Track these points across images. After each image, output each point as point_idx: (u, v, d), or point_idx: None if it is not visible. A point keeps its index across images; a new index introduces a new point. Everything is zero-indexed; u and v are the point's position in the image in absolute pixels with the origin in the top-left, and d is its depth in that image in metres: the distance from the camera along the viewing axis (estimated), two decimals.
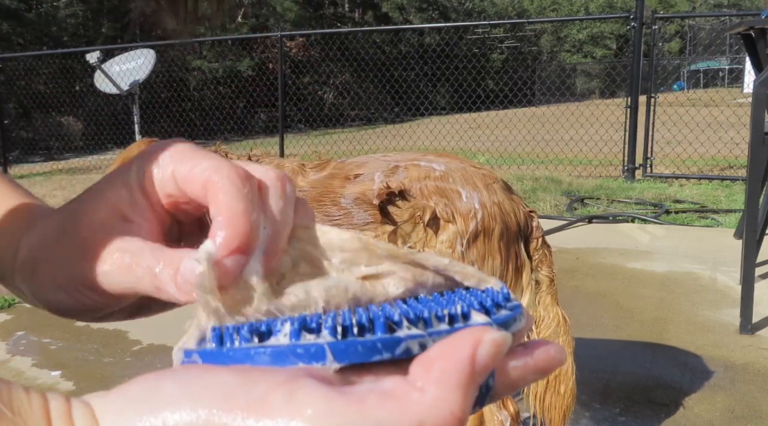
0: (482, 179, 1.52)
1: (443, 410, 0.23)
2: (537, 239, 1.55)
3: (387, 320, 0.27)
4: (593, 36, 34.79)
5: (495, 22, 13.44)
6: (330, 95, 20.03)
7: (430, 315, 0.28)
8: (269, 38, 15.51)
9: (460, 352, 0.24)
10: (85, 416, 0.25)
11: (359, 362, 0.26)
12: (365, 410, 0.23)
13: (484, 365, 0.24)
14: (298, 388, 0.23)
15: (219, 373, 0.24)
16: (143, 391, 0.24)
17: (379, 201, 1.51)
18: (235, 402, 0.23)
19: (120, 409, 0.24)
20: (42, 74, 12.33)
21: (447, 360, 0.24)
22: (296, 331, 0.27)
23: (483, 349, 0.24)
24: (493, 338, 0.24)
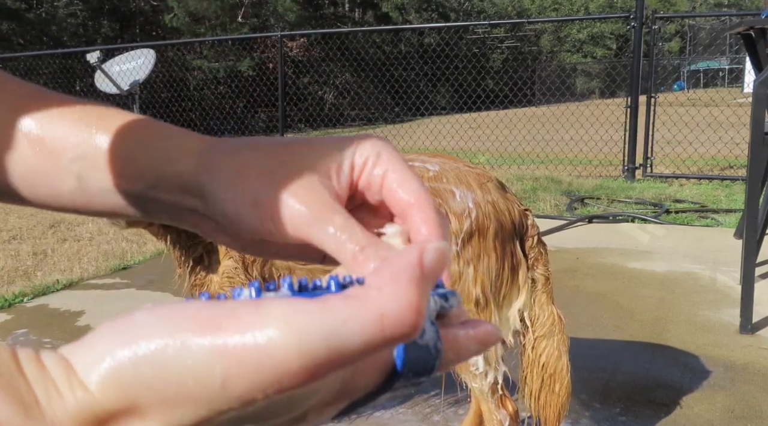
0: (476, 178, 1.52)
1: (401, 301, 0.25)
2: (532, 238, 1.55)
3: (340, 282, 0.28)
4: (593, 36, 34.79)
5: (495, 22, 13.44)
6: (330, 95, 20.03)
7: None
8: (269, 38, 15.51)
9: (408, 257, 0.26)
10: (53, 357, 0.25)
11: None
12: (330, 308, 0.24)
13: (432, 267, 0.26)
14: (263, 301, 0.24)
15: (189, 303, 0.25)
16: (114, 325, 0.25)
17: None
18: (205, 320, 0.24)
19: (91, 344, 0.25)
20: (42, 74, 12.33)
21: (397, 264, 0.26)
22: (258, 291, 0.28)
23: (428, 253, 0.27)
24: (436, 246, 0.27)
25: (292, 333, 0.23)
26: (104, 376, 0.24)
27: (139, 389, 0.23)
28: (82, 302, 3.32)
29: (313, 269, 1.62)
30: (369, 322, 0.24)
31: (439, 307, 0.30)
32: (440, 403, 2.10)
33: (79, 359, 0.24)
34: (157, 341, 0.23)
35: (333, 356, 0.24)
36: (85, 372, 0.24)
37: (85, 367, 0.24)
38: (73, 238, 4.75)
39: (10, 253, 4.34)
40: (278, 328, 0.23)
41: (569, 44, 35.68)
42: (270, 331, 0.23)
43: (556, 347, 1.53)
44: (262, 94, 12.53)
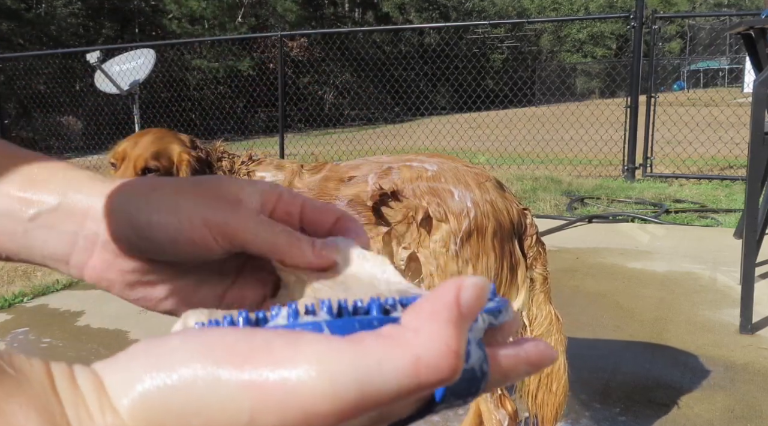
0: (474, 178, 1.52)
1: (439, 343, 0.24)
2: (531, 237, 1.55)
3: (382, 305, 0.27)
4: (593, 36, 34.79)
5: (495, 22, 13.43)
6: (330, 95, 20.03)
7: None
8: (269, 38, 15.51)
9: (446, 296, 0.25)
10: (87, 375, 0.25)
11: None
12: (364, 349, 0.23)
13: (470, 306, 0.25)
14: (298, 336, 0.24)
15: (220, 330, 0.25)
16: (148, 347, 0.25)
17: (373, 202, 1.52)
18: (239, 350, 0.23)
19: (125, 365, 0.25)
20: (42, 74, 12.33)
21: (434, 303, 0.25)
22: (294, 313, 0.27)
23: (466, 292, 0.25)
24: (474, 282, 0.26)
25: (323, 374, 0.23)
26: (135, 402, 0.24)
27: (169, 418, 0.23)
28: (82, 302, 3.32)
29: None
30: (404, 367, 0.23)
31: (487, 325, 0.29)
32: None
33: (112, 379, 0.25)
34: (190, 371, 0.23)
35: (365, 400, 0.23)
36: (116, 395, 0.24)
37: (116, 390, 0.24)
38: None
39: None
40: (310, 369, 0.23)
41: (569, 44, 35.68)
42: (302, 370, 0.23)
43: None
44: (262, 94, 12.53)
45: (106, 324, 3.00)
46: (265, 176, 1.68)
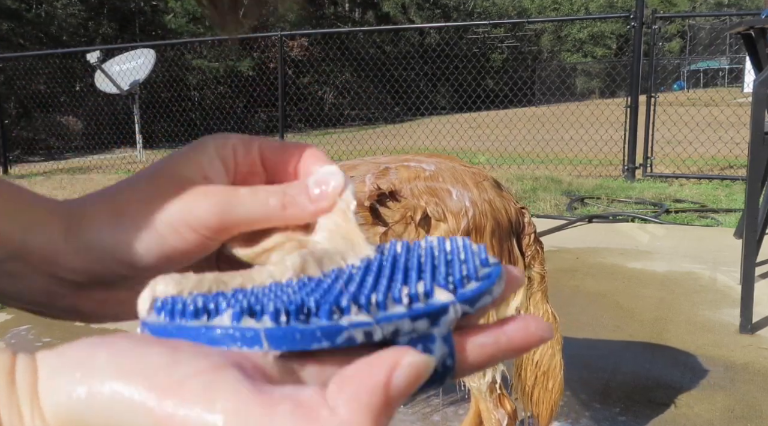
0: (472, 177, 1.52)
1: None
2: (529, 236, 1.55)
3: (334, 306, 0.26)
4: (593, 35, 34.80)
5: (495, 22, 13.42)
6: (330, 95, 20.03)
7: (386, 297, 0.27)
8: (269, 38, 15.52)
9: (375, 376, 0.23)
10: (26, 371, 0.25)
11: (298, 350, 0.26)
12: (273, 417, 0.23)
13: (400, 391, 0.24)
14: (218, 378, 0.24)
15: (151, 349, 0.25)
16: (79, 355, 0.25)
17: (370, 203, 1.51)
18: (156, 381, 0.24)
19: (56, 370, 0.25)
20: (42, 74, 12.33)
21: (360, 382, 0.23)
22: (238, 314, 0.26)
23: (400, 373, 0.24)
24: (412, 362, 0.24)
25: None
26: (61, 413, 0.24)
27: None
28: None
29: None
30: None
31: (460, 315, 0.28)
32: (440, 403, 2.10)
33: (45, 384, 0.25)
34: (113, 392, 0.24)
35: None
36: (46, 400, 0.25)
37: (48, 396, 0.25)
38: None
39: None
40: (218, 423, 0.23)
41: (569, 44, 35.69)
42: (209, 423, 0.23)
43: (550, 346, 1.54)
44: (262, 94, 12.53)
45: (106, 324, 3.00)
46: None
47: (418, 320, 0.27)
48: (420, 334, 0.27)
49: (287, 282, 0.31)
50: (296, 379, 0.26)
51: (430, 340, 0.27)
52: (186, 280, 0.30)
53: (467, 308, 0.28)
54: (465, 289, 0.29)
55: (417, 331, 0.27)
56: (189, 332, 0.27)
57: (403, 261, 0.32)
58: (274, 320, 0.26)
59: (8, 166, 9.91)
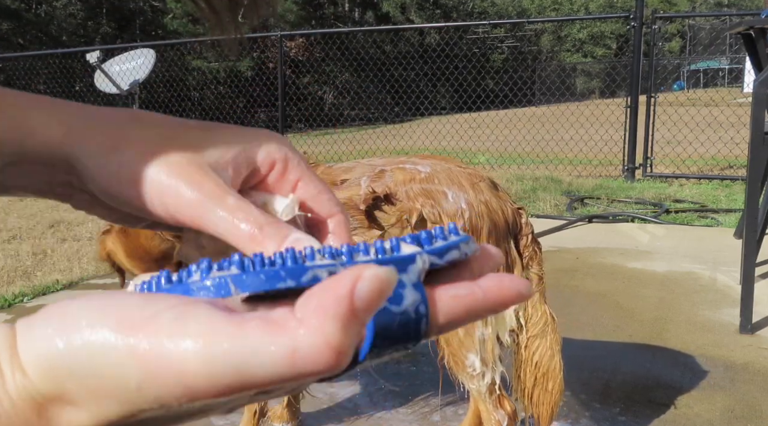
0: (468, 179, 1.52)
1: (318, 339, 0.23)
2: (526, 236, 1.55)
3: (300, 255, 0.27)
4: (593, 35, 34.79)
5: (495, 22, 13.44)
6: (330, 95, 20.03)
7: (351, 250, 0.28)
8: (269, 38, 15.52)
9: (339, 287, 0.24)
10: (4, 333, 0.26)
11: (264, 290, 0.26)
12: (244, 332, 0.24)
13: (365, 299, 0.24)
14: (189, 309, 0.25)
15: (125, 295, 0.26)
16: (54, 309, 0.26)
17: (366, 206, 1.51)
18: (129, 320, 0.24)
19: (32, 327, 0.26)
20: (42, 74, 12.33)
21: (325, 294, 0.24)
22: (206, 269, 0.27)
23: (363, 283, 0.24)
24: (375, 273, 0.24)
25: (203, 355, 0.23)
26: (41, 364, 0.25)
27: (70, 379, 0.25)
28: None
29: None
30: (280, 356, 0.23)
31: (428, 266, 0.28)
32: (439, 403, 2.09)
33: (23, 340, 0.26)
34: (88, 336, 0.25)
35: (240, 382, 0.24)
36: (25, 355, 0.25)
37: (26, 350, 0.25)
38: (73, 238, 4.75)
39: (9, 253, 4.34)
40: (192, 348, 0.24)
41: (569, 44, 35.69)
42: (183, 347, 0.24)
43: (549, 346, 1.53)
44: (262, 94, 12.52)
45: None
46: None
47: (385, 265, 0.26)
48: None
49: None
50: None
51: (400, 286, 0.27)
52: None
53: (435, 259, 0.28)
54: (432, 246, 0.29)
55: None
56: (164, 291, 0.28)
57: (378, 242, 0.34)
58: (240, 268, 0.27)
59: None
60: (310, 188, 0.39)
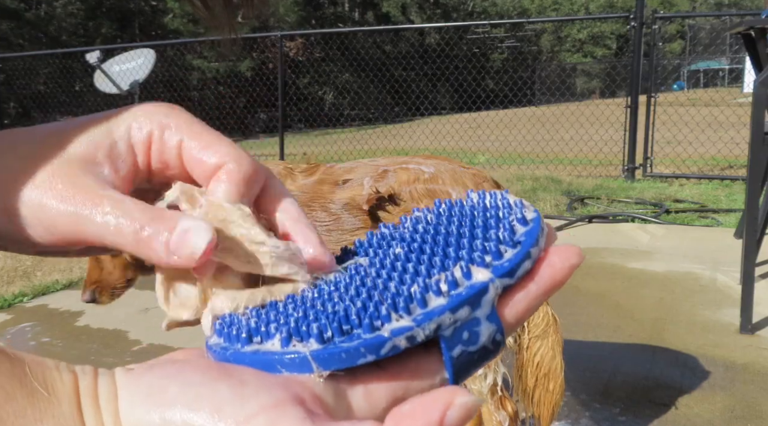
0: (472, 179, 1.52)
1: None
2: None
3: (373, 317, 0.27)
4: (593, 36, 34.79)
5: (495, 22, 13.43)
6: (330, 95, 20.03)
7: (424, 291, 0.28)
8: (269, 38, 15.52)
9: (430, 415, 0.24)
10: (109, 394, 0.27)
11: (345, 367, 0.26)
12: None
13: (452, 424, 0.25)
14: (281, 415, 0.25)
15: (220, 383, 0.26)
16: (155, 384, 0.27)
17: (369, 206, 1.51)
18: (224, 414, 0.25)
19: (134, 397, 0.27)
20: (42, 74, 12.33)
21: (416, 421, 0.24)
22: (286, 340, 0.28)
23: (452, 412, 0.24)
24: (464, 402, 0.25)
25: None
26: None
27: None
28: (82, 302, 3.32)
29: None
30: None
31: (500, 291, 0.28)
32: None
33: (125, 409, 0.26)
34: (182, 417, 0.25)
35: None
36: (125, 420, 0.26)
37: (126, 418, 0.26)
38: None
39: (9, 253, 4.34)
40: None
41: (569, 44, 35.69)
42: None
43: (551, 347, 1.53)
44: (262, 94, 12.52)
45: (106, 324, 3.00)
46: None
47: (459, 310, 0.27)
48: (463, 321, 0.27)
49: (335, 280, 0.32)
50: (348, 405, 0.27)
51: (475, 324, 0.27)
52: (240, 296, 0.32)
53: (507, 281, 0.28)
54: (503, 260, 0.29)
55: (459, 319, 0.27)
56: (245, 358, 0.28)
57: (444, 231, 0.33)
58: (319, 341, 0.27)
59: None
60: (193, 146, 0.35)
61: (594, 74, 27.93)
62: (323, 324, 0.27)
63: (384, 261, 0.32)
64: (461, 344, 0.27)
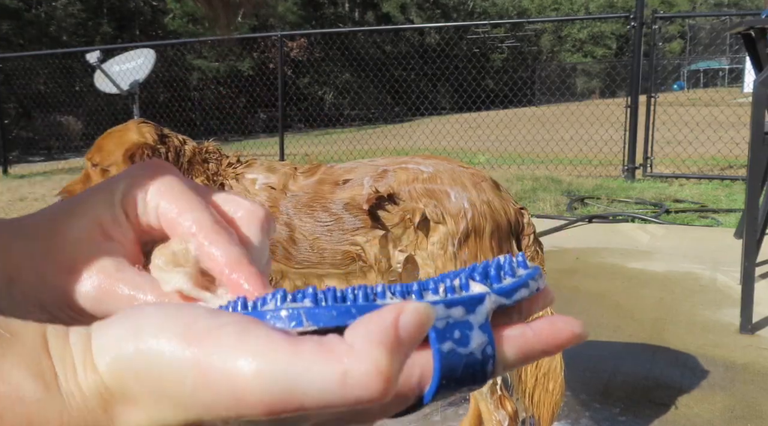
0: (470, 179, 1.52)
1: (368, 363, 0.25)
2: (528, 236, 1.55)
3: (369, 292, 0.28)
4: (593, 35, 34.80)
5: (495, 22, 13.45)
6: (330, 95, 20.03)
7: (421, 288, 0.29)
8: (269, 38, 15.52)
9: (384, 317, 0.26)
10: (80, 334, 0.28)
11: (335, 325, 0.27)
12: (299, 354, 0.25)
13: (408, 330, 0.26)
14: (251, 327, 0.26)
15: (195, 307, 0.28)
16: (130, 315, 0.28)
17: (369, 206, 1.51)
18: (195, 329, 0.26)
19: (108, 330, 0.28)
20: (42, 74, 12.33)
21: (371, 324, 0.26)
22: (282, 299, 0.29)
23: (405, 315, 0.26)
24: (416, 307, 0.26)
25: (257, 370, 0.25)
26: (111, 364, 0.27)
27: (135, 380, 0.27)
28: None
29: (307, 274, 1.62)
30: (331, 378, 0.25)
31: (496, 306, 0.28)
32: (440, 403, 2.09)
33: (97, 342, 0.28)
34: (154, 342, 0.27)
35: (290, 400, 0.25)
36: (98, 355, 0.28)
37: (99, 350, 0.28)
38: None
39: None
40: (248, 362, 0.25)
41: (569, 44, 35.69)
42: (241, 362, 0.25)
43: None
44: (262, 94, 12.53)
45: None
46: (257, 178, 1.67)
47: (453, 307, 0.27)
48: (456, 319, 0.27)
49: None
50: None
51: (467, 327, 0.27)
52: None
53: (504, 300, 0.29)
54: (501, 284, 0.29)
55: (452, 317, 0.27)
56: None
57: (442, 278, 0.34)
58: (313, 301, 0.28)
59: (8, 167, 9.90)
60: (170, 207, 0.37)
61: (594, 74, 27.94)
62: (318, 292, 0.28)
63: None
64: (452, 341, 0.27)
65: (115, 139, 1.74)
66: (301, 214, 1.59)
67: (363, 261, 1.55)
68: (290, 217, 1.59)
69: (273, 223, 0.40)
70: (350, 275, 1.58)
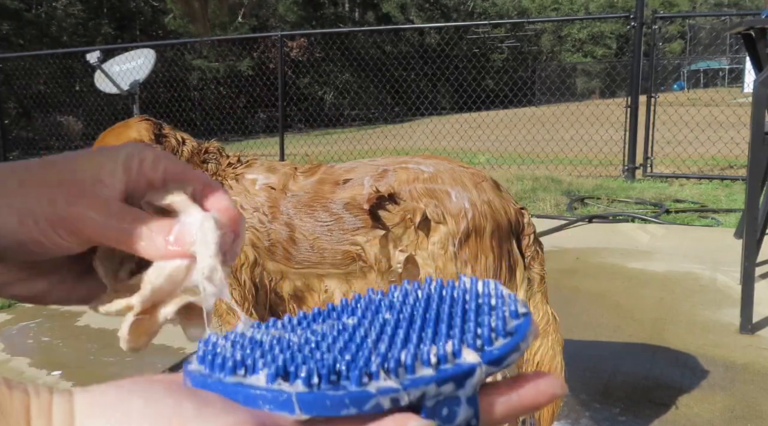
0: (471, 178, 1.52)
1: None
2: (529, 236, 1.55)
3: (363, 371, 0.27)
4: (593, 35, 34.79)
5: (495, 22, 13.44)
6: (330, 95, 20.03)
7: (414, 359, 0.28)
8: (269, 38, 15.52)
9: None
10: (64, 413, 0.27)
11: (327, 415, 0.27)
12: None
13: None
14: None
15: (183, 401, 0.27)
16: (116, 400, 0.27)
17: (369, 205, 1.51)
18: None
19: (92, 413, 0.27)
20: (42, 74, 12.32)
21: None
22: (272, 376, 0.28)
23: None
24: (416, 423, 0.26)
25: None
26: None
27: None
28: None
29: (307, 274, 1.62)
30: None
31: (485, 376, 0.29)
32: None
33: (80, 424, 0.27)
34: None
35: None
36: None
37: None
38: None
39: None
40: None
41: (569, 44, 35.69)
42: None
43: (551, 347, 1.53)
44: (262, 94, 12.53)
45: (106, 324, 2.99)
46: (257, 179, 1.67)
47: (445, 384, 0.28)
48: (446, 396, 0.28)
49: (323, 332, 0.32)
50: None
51: (456, 403, 0.28)
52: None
53: (493, 369, 0.29)
54: (493, 347, 0.30)
55: (443, 394, 0.28)
56: (226, 388, 0.28)
57: (435, 308, 0.33)
58: (306, 384, 0.27)
59: None
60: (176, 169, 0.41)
61: (594, 74, 27.93)
62: (311, 368, 0.27)
63: (373, 324, 0.32)
64: (439, 419, 0.27)
65: (115, 137, 1.74)
66: (302, 214, 1.59)
67: (363, 261, 1.55)
68: (290, 217, 1.59)
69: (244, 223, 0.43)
70: (350, 275, 1.58)
